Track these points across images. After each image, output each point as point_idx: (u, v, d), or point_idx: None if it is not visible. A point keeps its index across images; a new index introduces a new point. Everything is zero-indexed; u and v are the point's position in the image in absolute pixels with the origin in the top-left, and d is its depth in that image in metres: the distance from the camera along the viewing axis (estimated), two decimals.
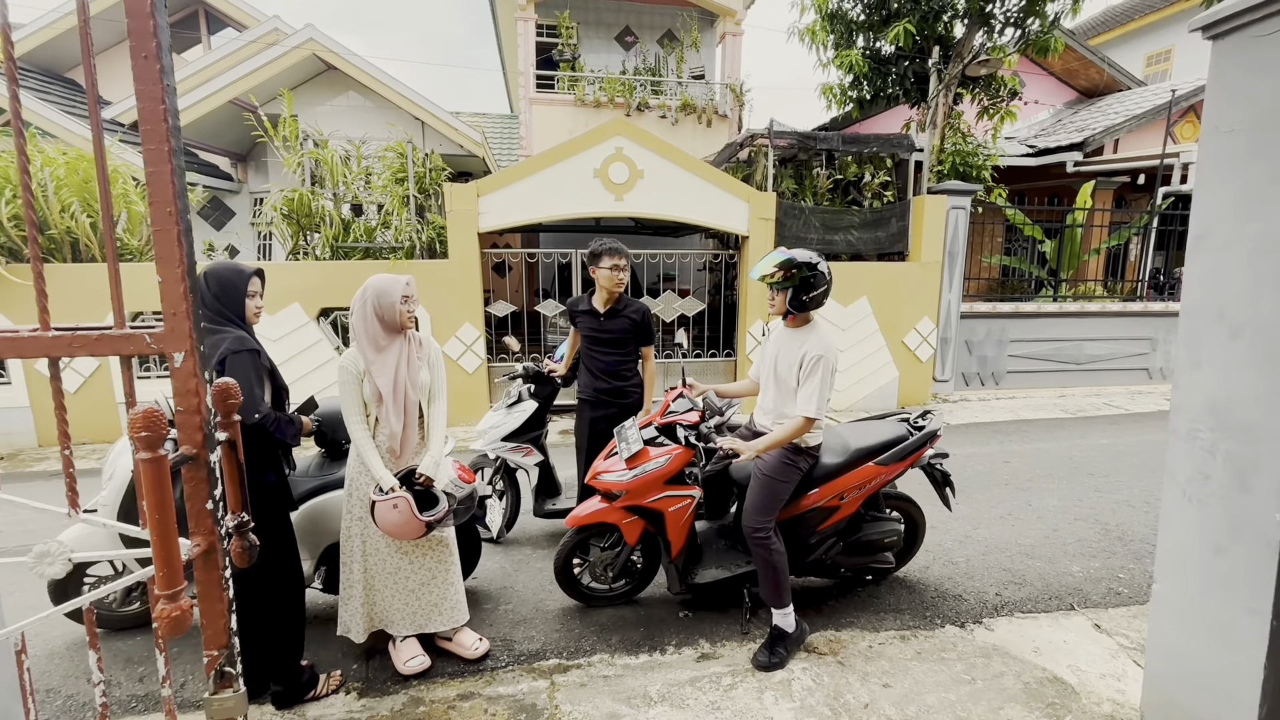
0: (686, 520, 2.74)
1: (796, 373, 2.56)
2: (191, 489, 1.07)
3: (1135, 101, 10.30)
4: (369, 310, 2.36)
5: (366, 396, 2.37)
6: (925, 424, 2.99)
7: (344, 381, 2.36)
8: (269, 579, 2.30)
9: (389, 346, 2.38)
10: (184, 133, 7.90)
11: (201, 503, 1.07)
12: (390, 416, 2.37)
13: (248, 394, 2.11)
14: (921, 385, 7.48)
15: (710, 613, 2.97)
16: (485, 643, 2.68)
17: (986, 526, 3.89)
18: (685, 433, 2.67)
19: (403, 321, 2.39)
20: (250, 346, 2.18)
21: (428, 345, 2.54)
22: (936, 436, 2.93)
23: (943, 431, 2.96)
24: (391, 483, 2.31)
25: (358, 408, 2.37)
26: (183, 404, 1.05)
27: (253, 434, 2.20)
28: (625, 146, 6.42)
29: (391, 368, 2.36)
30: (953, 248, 7.51)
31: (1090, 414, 6.97)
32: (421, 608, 2.55)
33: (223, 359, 2.10)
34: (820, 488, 2.77)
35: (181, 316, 1.03)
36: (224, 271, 2.23)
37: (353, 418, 2.36)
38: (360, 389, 2.36)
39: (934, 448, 2.98)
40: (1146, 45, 16.26)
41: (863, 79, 8.66)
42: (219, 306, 2.19)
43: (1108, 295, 9.09)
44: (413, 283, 2.43)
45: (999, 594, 3.11)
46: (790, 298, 2.56)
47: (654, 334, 3.37)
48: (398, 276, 2.39)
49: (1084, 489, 4.52)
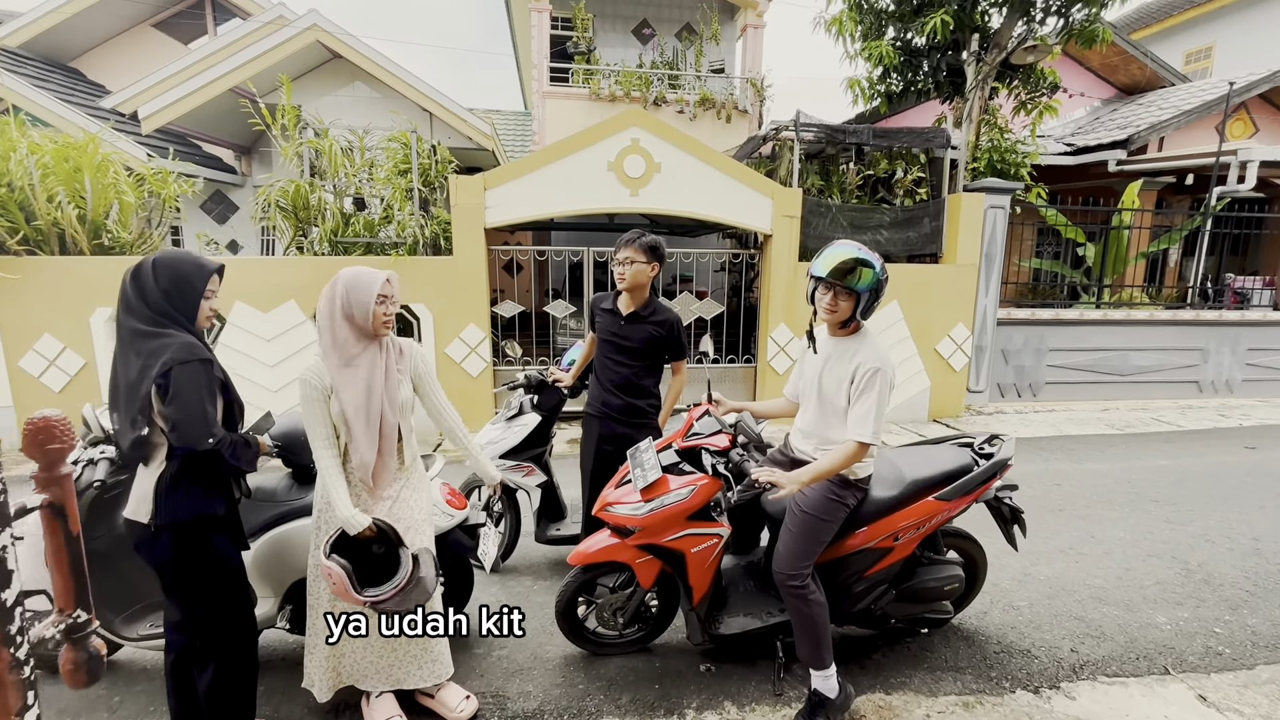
0: (712, 563, 2.32)
1: (847, 389, 2.14)
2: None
3: (1181, 97, 9.72)
4: (337, 310, 1.97)
5: (334, 416, 1.98)
6: (993, 450, 2.55)
7: (307, 398, 1.96)
8: (214, 632, 1.92)
9: (359, 356, 1.99)
10: (184, 123, 7.63)
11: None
12: (361, 442, 1.98)
13: (199, 414, 1.74)
14: (955, 396, 7.00)
15: (736, 666, 2.55)
16: (473, 701, 2.28)
17: (1047, 562, 3.43)
18: (713, 460, 2.25)
19: (377, 326, 2.00)
20: (201, 355, 1.79)
21: (409, 353, 2.15)
22: (1007, 466, 2.49)
23: (1014, 461, 2.52)
24: (363, 524, 1.93)
25: (324, 430, 1.97)
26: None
27: (202, 460, 1.82)
28: (642, 138, 6.02)
29: (362, 383, 1.98)
30: (990, 250, 7.02)
31: (1139, 430, 6.45)
32: (398, 660, 2.16)
33: (166, 371, 1.72)
34: (870, 526, 2.34)
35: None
36: (181, 264, 1.84)
37: (318, 441, 1.97)
38: (327, 407, 1.97)
39: (1003, 478, 2.54)
40: (1186, 42, 15.58)
41: (892, 71, 8.19)
42: (165, 305, 1.80)
43: (1150, 302, 8.54)
44: (395, 280, 2.04)
45: (1074, 650, 2.66)
46: (864, 307, 2.12)
47: (685, 347, 2.87)
48: (376, 271, 2.00)
49: (1152, 519, 4.03)
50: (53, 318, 5.39)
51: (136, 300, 1.78)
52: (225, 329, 5.54)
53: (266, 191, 5.82)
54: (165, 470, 1.80)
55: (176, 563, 1.84)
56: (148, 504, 1.79)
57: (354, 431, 1.97)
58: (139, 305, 1.78)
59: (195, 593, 1.89)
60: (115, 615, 2.32)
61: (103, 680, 2.45)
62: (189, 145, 8.52)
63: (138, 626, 2.34)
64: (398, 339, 2.13)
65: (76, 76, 9.24)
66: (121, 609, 2.35)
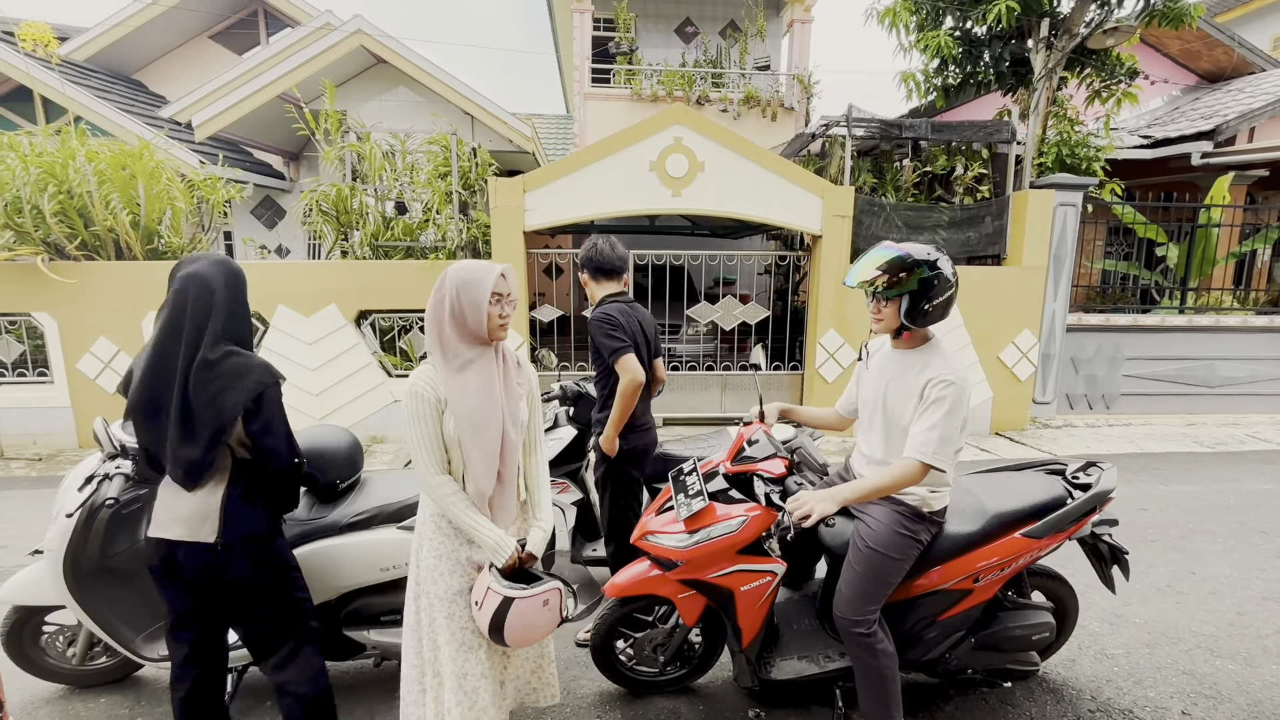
0: (764, 603, 2.07)
1: (914, 406, 1.87)
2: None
3: (1274, 84, 8.91)
4: (445, 311, 1.66)
5: (448, 435, 1.65)
6: (1089, 480, 2.22)
7: (417, 413, 1.63)
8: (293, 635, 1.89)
9: (473, 363, 1.68)
10: (235, 130, 7.80)
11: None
12: (477, 467, 1.65)
13: (287, 434, 1.76)
14: (1020, 408, 6.52)
15: (789, 712, 2.30)
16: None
17: (1141, 602, 3.04)
18: (767, 489, 2.00)
19: (493, 330, 1.68)
20: (279, 376, 1.74)
21: (527, 368, 1.86)
22: (1108, 499, 2.16)
23: (1115, 494, 2.18)
24: (509, 548, 1.68)
25: (438, 452, 1.65)
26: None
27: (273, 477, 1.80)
28: (685, 136, 5.80)
29: (479, 394, 1.66)
30: (1059, 251, 6.52)
31: (1232, 448, 5.85)
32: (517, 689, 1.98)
33: (259, 392, 1.64)
34: (945, 565, 2.05)
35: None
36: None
37: (431, 466, 1.64)
38: (439, 424, 1.64)
39: (1102, 513, 2.21)
40: (1272, 26, 14.42)
41: (950, 63, 7.73)
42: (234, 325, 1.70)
43: (1240, 307, 7.80)
44: (511, 275, 1.71)
45: (1186, 712, 2.30)
46: (906, 308, 1.88)
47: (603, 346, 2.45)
48: (490, 265, 1.68)
49: (1261, 553, 3.57)
50: (107, 321, 5.51)
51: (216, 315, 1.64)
52: (269, 333, 5.57)
53: (309, 196, 5.84)
54: (232, 489, 1.71)
55: (257, 572, 1.76)
56: (212, 523, 1.67)
57: (469, 453, 1.64)
58: (217, 321, 1.64)
59: (275, 599, 1.84)
60: (135, 634, 2.23)
61: (125, 699, 2.37)
62: (240, 152, 8.73)
63: (157, 646, 2.25)
64: (514, 351, 1.84)
65: (138, 87, 9.61)
66: (141, 628, 2.26)
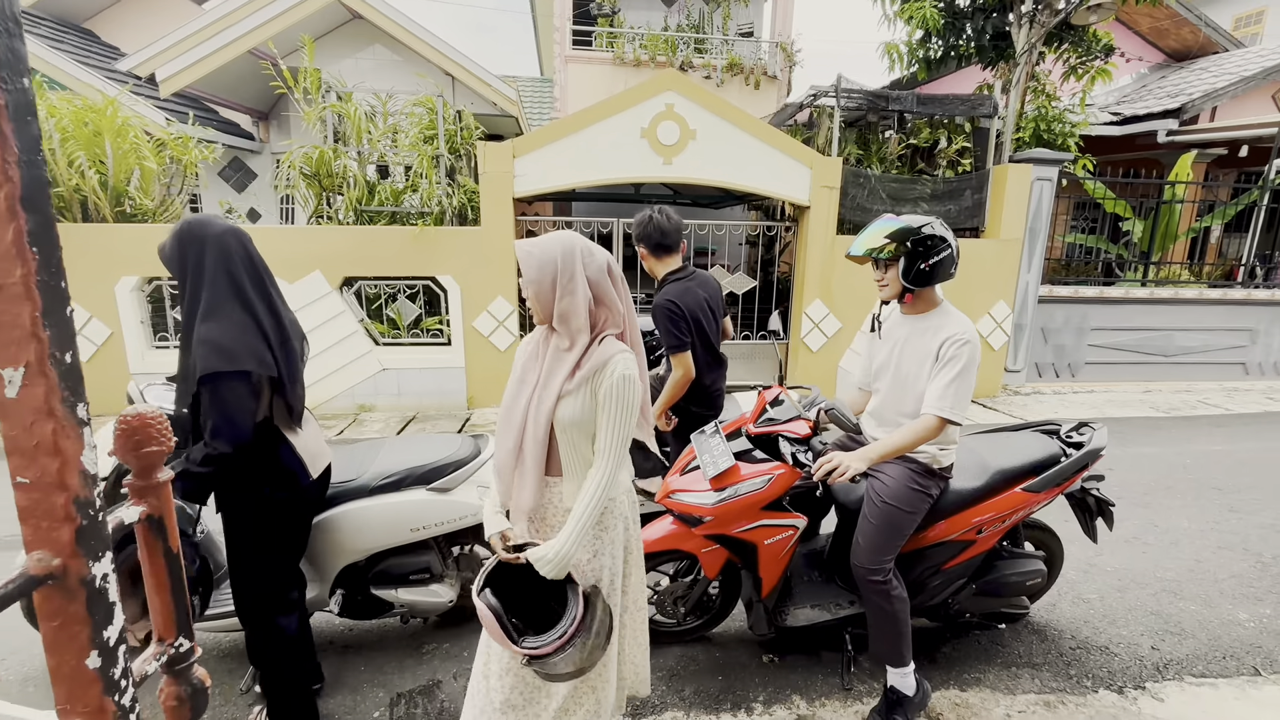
0: (785, 555, 2.19)
1: (930, 366, 1.98)
2: (56, 633, 0.55)
3: (1237, 64, 9.24)
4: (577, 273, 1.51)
5: None
6: (1082, 439, 2.39)
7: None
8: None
9: (537, 341, 1.61)
10: (202, 86, 7.42)
11: (78, 657, 0.55)
12: (500, 441, 1.59)
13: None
14: (993, 375, 6.81)
15: (800, 657, 2.45)
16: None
17: (1112, 553, 3.29)
18: (793, 449, 2.10)
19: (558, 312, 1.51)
20: None
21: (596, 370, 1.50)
22: (1099, 456, 2.34)
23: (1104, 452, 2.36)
24: (494, 528, 1.56)
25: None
26: (28, 471, 0.52)
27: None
28: (677, 103, 5.76)
29: (518, 370, 1.61)
30: (1035, 224, 6.74)
31: (1186, 413, 6.24)
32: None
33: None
34: (951, 518, 2.20)
35: (16, 293, 0.50)
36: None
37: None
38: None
39: (1092, 469, 2.39)
40: (1236, 6, 14.83)
41: (934, 35, 7.79)
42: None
43: (1195, 280, 8.22)
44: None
45: (1155, 648, 2.54)
46: (904, 267, 1.97)
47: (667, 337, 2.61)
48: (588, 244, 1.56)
49: (1215, 508, 3.87)
50: (78, 287, 5.28)
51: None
52: None
53: (290, 158, 5.64)
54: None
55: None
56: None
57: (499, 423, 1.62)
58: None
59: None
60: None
61: None
62: (206, 110, 8.31)
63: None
64: (603, 350, 1.51)
65: (90, 37, 9.01)
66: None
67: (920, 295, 2.04)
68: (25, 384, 0.50)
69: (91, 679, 0.56)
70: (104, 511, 0.56)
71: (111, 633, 0.57)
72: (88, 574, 0.54)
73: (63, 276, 0.52)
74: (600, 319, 1.54)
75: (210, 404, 1.60)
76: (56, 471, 0.52)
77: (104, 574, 0.56)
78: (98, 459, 0.57)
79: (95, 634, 0.55)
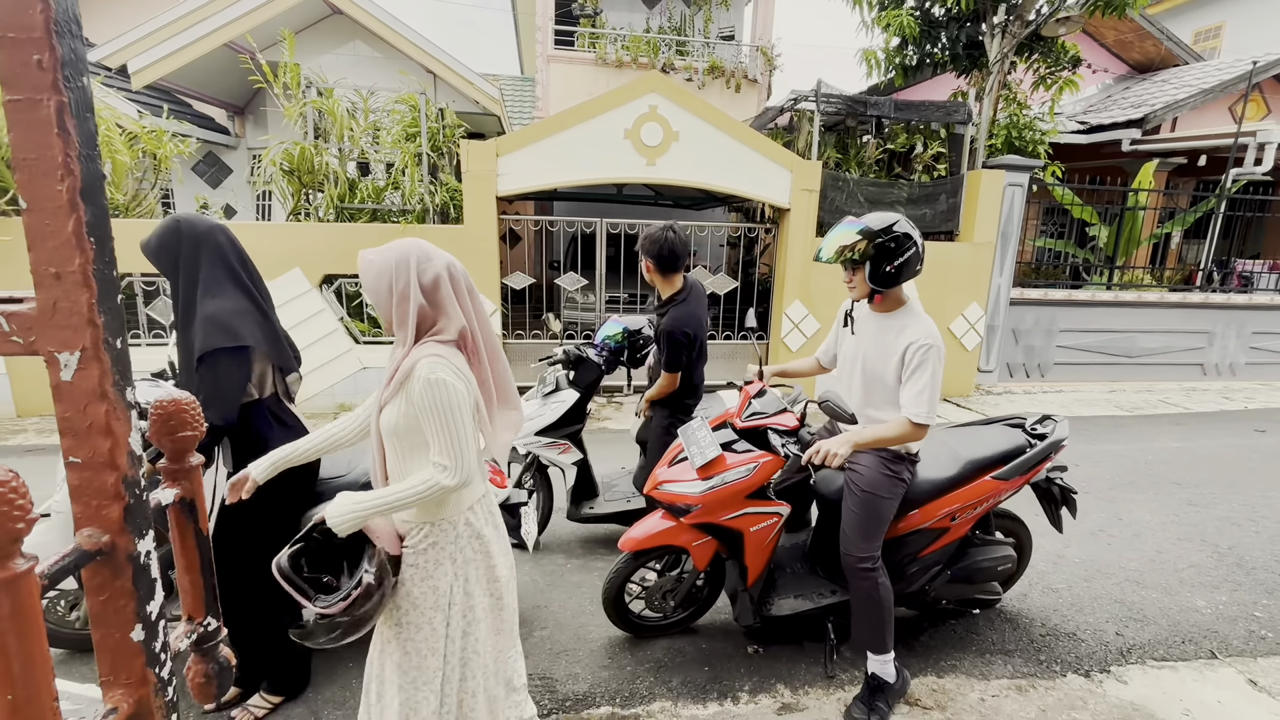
0: (770, 542, 2.27)
1: (897, 368, 2.07)
2: (103, 607, 0.57)
3: (1196, 76, 9.61)
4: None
5: None
6: (1045, 431, 2.51)
7: None
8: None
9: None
10: (176, 79, 7.27)
11: (123, 630, 0.58)
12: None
13: None
14: (966, 376, 6.99)
15: (784, 648, 2.52)
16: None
17: (1079, 545, 3.43)
18: (782, 441, 2.17)
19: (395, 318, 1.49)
20: None
21: (406, 376, 1.45)
22: (1061, 446, 2.46)
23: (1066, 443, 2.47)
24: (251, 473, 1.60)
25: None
26: (80, 451, 0.55)
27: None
28: (660, 105, 5.82)
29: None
30: (1007, 228, 6.94)
31: (1148, 412, 6.48)
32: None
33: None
34: (924, 507, 2.30)
35: (75, 280, 0.52)
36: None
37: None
38: None
39: (1055, 459, 2.50)
40: (1195, 20, 15.41)
41: (910, 42, 7.97)
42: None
43: (1156, 284, 8.54)
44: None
45: (1119, 633, 2.66)
46: (870, 271, 2.05)
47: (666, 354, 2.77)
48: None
49: (1175, 501, 4.05)
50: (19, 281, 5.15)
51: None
52: None
53: (270, 153, 5.57)
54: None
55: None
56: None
57: None
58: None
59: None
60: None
61: None
62: (179, 103, 8.13)
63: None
64: (414, 354, 1.45)
65: None
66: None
67: (887, 295, 2.13)
68: (81, 367, 0.53)
69: (135, 651, 0.58)
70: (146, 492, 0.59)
71: (153, 607, 0.60)
72: (134, 550, 0.57)
73: (114, 266, 0.55)
74: (429, 323, 1.49)
75: (204, 378, 1.66)
76: (108, 451, 0.54)
77: (147, 550, 0.59)
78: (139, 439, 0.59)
79: (140, 608, 0.58)
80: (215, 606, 0.73)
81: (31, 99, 0.49)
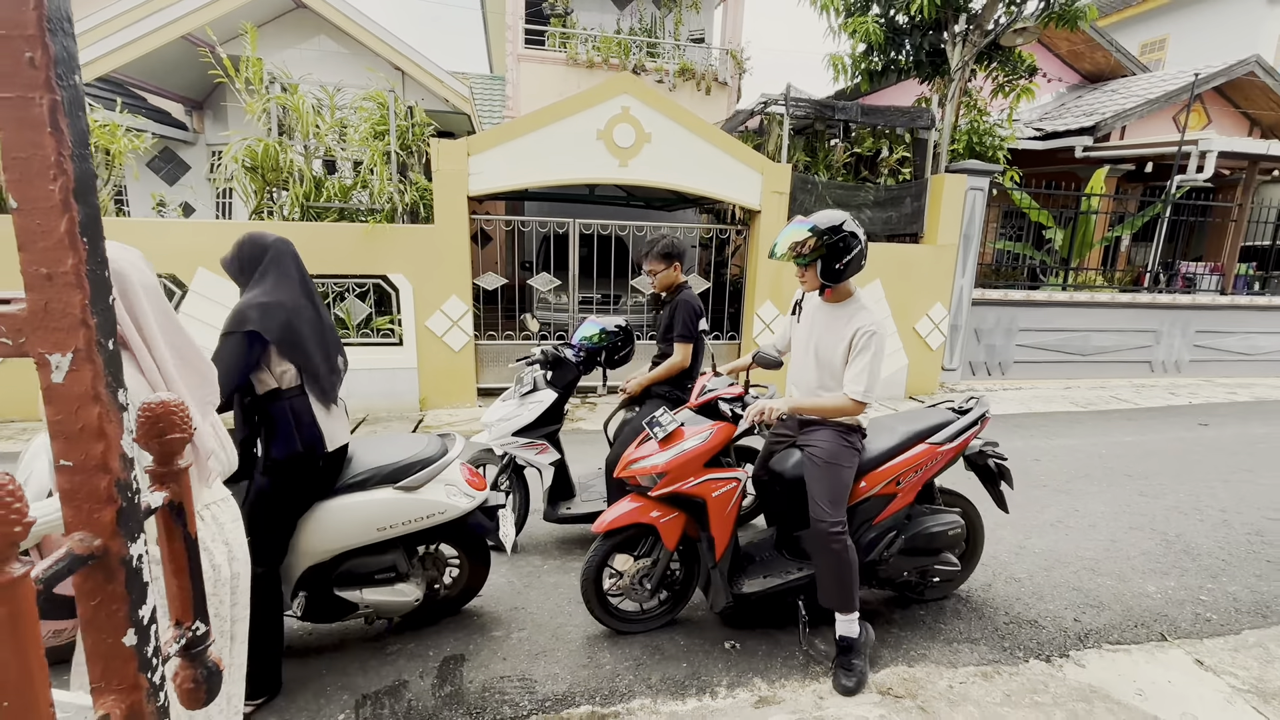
0: (732, 509, 2.41)
1: (844, 353, 2.28)
2: (95, 611, 0.57)
3: (1143, 87, 10.06)
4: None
5: None
6: (970, 406, 2.76)
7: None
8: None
9: None
10: (131, 71, 7.00)
11: (115, 635, 0.57)
12: None
13: None
14: (930, 374, 7.18)
15: (761, 642, 2.56)
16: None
17: (1039, 535, 3.57)
18: (729, 406, 2.38)
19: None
20: None
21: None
22: (986, 418, 2.70)
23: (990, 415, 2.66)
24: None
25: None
26: (72, 454, 0.54)
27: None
28: (632, 106, 5.85)
29: None
30: (969, 230, 7.16)
31: (1101, 408, 6.77)
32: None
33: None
34: (873, 473, 2.47)
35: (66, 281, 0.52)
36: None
37: None
38: None
39: (982, 435, 2.69)
40: (1142, 33, 16.11)
41: (875, 49, 8.17)
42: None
43: (1107, 285, 8.91)
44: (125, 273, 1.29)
45: (1077, 620, 2.78)
46: (821, 269, 2.26)
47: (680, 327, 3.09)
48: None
49: (1128, 493, 4.24)
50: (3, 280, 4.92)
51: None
52: (187, 297, 5.17)
53: (231, 150, 5.41)
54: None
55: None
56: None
57: None
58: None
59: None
60: None
61: None
62: (133, 97, 7.83)
63: None
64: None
65: None
66: None
67: (837, 289, 2.34)
68: (73, 369, 0.52)
69: (128, 656, 0.58)
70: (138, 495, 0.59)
71: (146, 611, 0.59)
72: (127, 554, 0.56)
73: (107, 266, 0.54)
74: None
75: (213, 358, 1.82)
76: (100, 455, 0.54)
77: (139, 554, 0.58)
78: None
79: (132, 612, 0.57)
80: (204, 610, 0.72)
81: (24, 97, 0.48)
